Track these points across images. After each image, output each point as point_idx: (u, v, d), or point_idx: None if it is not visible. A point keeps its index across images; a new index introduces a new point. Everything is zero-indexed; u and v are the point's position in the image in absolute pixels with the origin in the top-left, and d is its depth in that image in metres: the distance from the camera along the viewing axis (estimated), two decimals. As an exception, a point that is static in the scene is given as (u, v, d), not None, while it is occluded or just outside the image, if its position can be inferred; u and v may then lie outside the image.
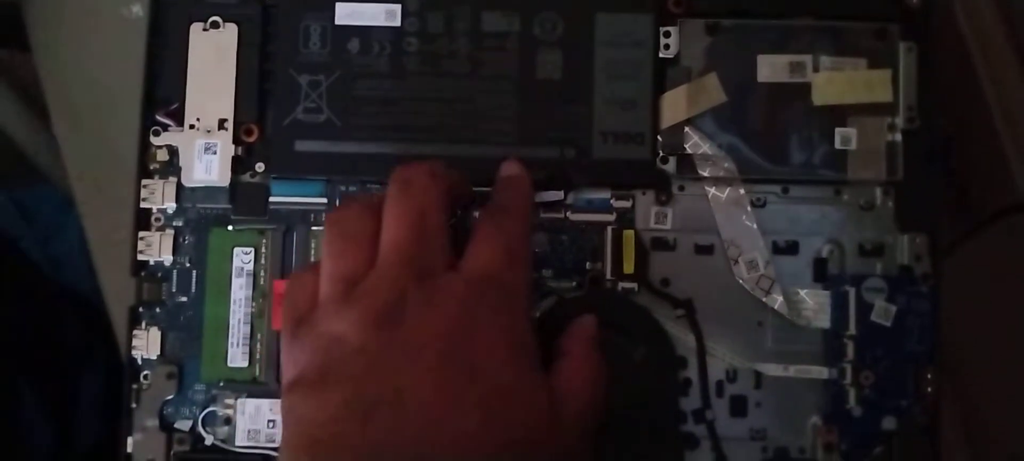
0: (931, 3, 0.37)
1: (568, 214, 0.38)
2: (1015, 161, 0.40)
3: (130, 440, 0.39)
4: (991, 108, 0.40)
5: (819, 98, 0.36)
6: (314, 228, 0.39)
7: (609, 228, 0.38)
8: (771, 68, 0.37)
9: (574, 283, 0.38)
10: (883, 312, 0.36)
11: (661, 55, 0.37)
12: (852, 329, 0.36)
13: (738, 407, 0.37)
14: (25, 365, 0.52)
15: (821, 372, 0.36)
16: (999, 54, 0.40)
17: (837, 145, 0.36)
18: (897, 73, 0.36)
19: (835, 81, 0.36)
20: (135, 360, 0.40)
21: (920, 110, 0.36)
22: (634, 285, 0.37)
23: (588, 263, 0.38)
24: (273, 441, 0.39)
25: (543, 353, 0.33)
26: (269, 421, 0.39)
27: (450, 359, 0.29)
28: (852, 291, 0.36)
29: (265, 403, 0.39)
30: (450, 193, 0.32)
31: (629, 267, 0.37)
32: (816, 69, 0.36)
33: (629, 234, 0.37)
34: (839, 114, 0.36)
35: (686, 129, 0.37)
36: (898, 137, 0.36)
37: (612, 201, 0.38)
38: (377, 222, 0.31)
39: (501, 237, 0.32)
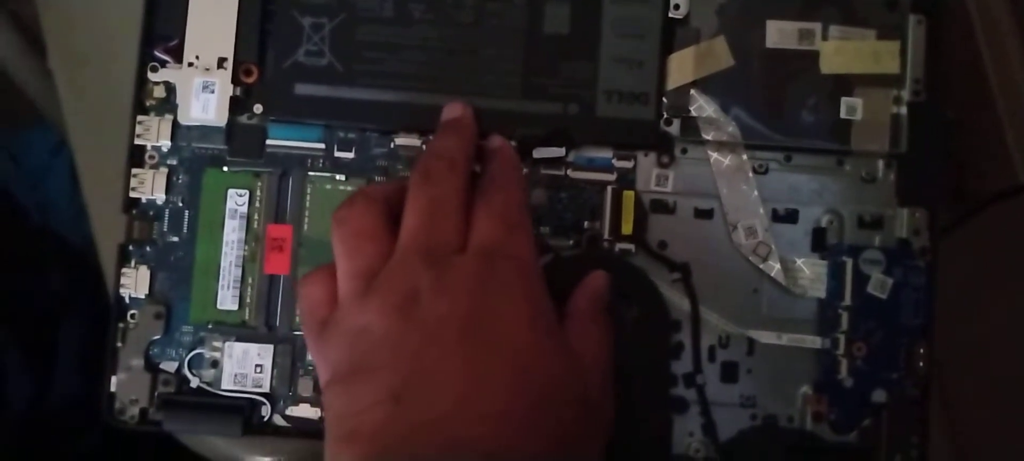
0: (942, -23, 0.37)
1: (568, 172, 0.38)
2: (1015, 146, 0.40)
3: (114, 379, 0.39)
4: (994, 91, 0.40)
5: (827, 66, 0.36)
6: (311, 173, 0.39)
7: (609, 188, 0.37)
8: (780, 34, 0.36)
9: (571, 241, 0.37)
10: (879, 284, 0.36)
11: (670, 15, 0.37)
12: (847, 300, 0.36)
13: (729, 373, 0.37)
14: (5, 310, 0.51)
15: (814, 342, 0.36)
16: (1004, 36, 0.40)
17: (842, 114, 0.36)
18: (905, 45, 0.36)
19: (843, 50, 0.36)
20: (122, 299, 0.39)
21: (927, 84, 0.36)
22: (632, 246, 0.37)
23: (586, 222, 0.37)
24: (260, 386, 0.38)
25: None
26: (256, 365, 0.39)
27: (471, 335, 0.29)
28: (849, 262, 0.36)
29: (253, 347, 0.39)
30: (468, 177, 0.33)
31: (628, 228, 0.37)
32: (825, 37, 0.36)
33: (629, 195, 0.37)
34: (846, 84, 0.36)
35: (692, 92, 0.37)
36: (903, 110, 0.36)
37: (614, 161, 0.37)
38: (383, 214, 0.32)
39: (497, 209, 0.32)
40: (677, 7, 0.37)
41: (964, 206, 0.42)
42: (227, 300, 0.39)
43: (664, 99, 0.37)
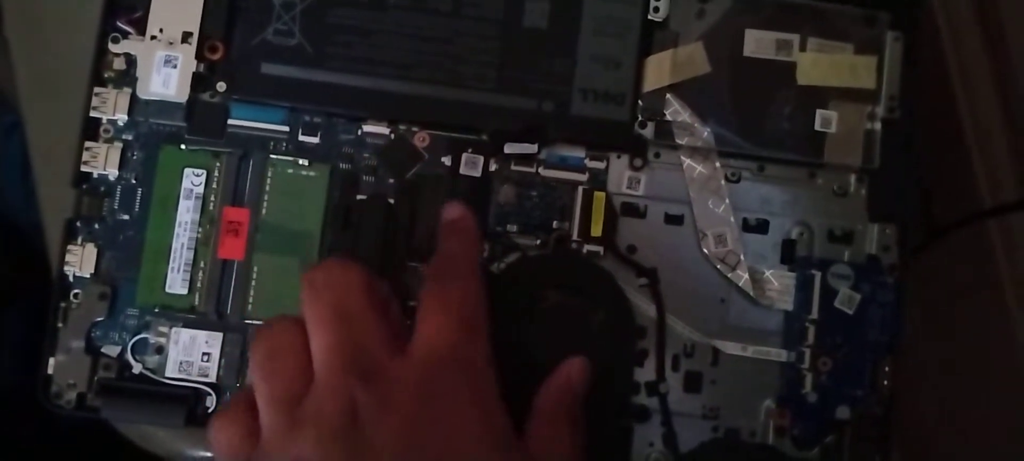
0: (921, -6, 0.37)
1: (540, 169, 0.37)
2: (981, 172, 0.40)
3: (52, 361, 0.37)
4: (961, 112, 0.40)
5: (803, 78, 0.36)
6: (272, 156, 0.37)
7: (580, 188, 0.37)
8: (758, 43, 0.36)
9: (539, 240, 0.37)
10: (847, 299, 0.35)
11: (650, 17, 0.37)
12: (814, 314, 0.36)
13: (692, 383, 0.36)
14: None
15: (779, 354, 0.36)
16: (973, 57, 0.40)
17: (817, 126, 0.36)
18: (882, 62, 0.36)
19: (820, 63, 0.36)
20: (66, 277, 0.37)
21: (902, 101, 0.36)
22: (600, 248, 0.36)
23: (555, 222, 0.37)
24: (206, 375, 0.37)
25: (503, 313, 0.32)
26: (204, 354, 0.37)
27: (413, 457, 0.27)
28: (818, 275, 0.36)
29: (201, 335, 0.37)
30: (368, 276, 0.30)
31: (597, 230, 0.36)
32: (803, 49, 0.36)
33: (600, 196, 0.36)
34: (821, 97, 0.36)
35: (668, 96, 0.36)
36: (878, 126, 0.36)
37: (586, 160, 0.37)
38: (303, 332, 0.29)
39: (452, 304, 0.30)
40: (657, 9, 0.37)
41: (927, 229, 0.42)
42: (177, 284, 0.37)
43: (639, 101, 0.36)
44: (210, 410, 0.37)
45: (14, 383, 0.52)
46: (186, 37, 0.38)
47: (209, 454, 0.40)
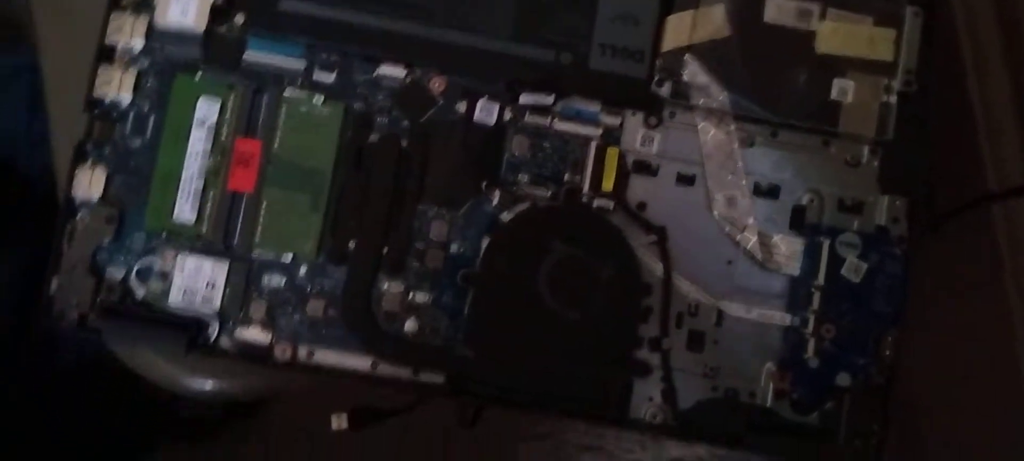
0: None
1: (554, 122, 0.37)
2: (988, 154, 0.40)
3: (55, 280, 0.37)
4: (971, 95, 0.40)
5: (823, 46, 0.36)
6: (286, 93, 0.37)
7: (594, 142, 0.37)
8: (778, 10, 0.36)
9: (549, 192, 0.37)
10: (854, 268, 0.36)
11: (673, -25, 0.37)
12: (821, 280, 0.36)
13: (695, 342, 0.36)
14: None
15: (783, 318, 0.36)
16: (987, 40, 0.40)
17: (833, 95, 0.36)
18: (901, 35, 0.36)
19: (840, 32, 0.36)
20: (73, 199, 0.37)
21: (918, 76, 0.36)
22: (610, 204, 0.36)
23: (567, 175, 0.37)
24: (210, 304, 0.37)
25: (510, 262, 0.31)
26: (208, 283, 0.37)
27: None
28: (826, 243, 0.36)
29: (207, 263, 0.37)
30: None
31: (608, 185, 0.36)
32: (823, 18, 0.36)
33: (613, 151, 0.36)
34: (839, 66, 0.36)
35: (686, 56, 0.36)
36: (893, 99, 0.36)
37: (601, 115, 0.37)
38: None
39: None
40: (680, -32, 0.37)
41: (933, 213, 0.42)
42: (185, 211, 0.37)
43: (658, 60, 0.36)
44: (212, 339, 0.37)
45: (4, 335, 0.52)
46: (207, -34, 0.37)
47: (208, 386, 0.40)
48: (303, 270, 0.37)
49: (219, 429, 0.61)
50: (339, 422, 0.44)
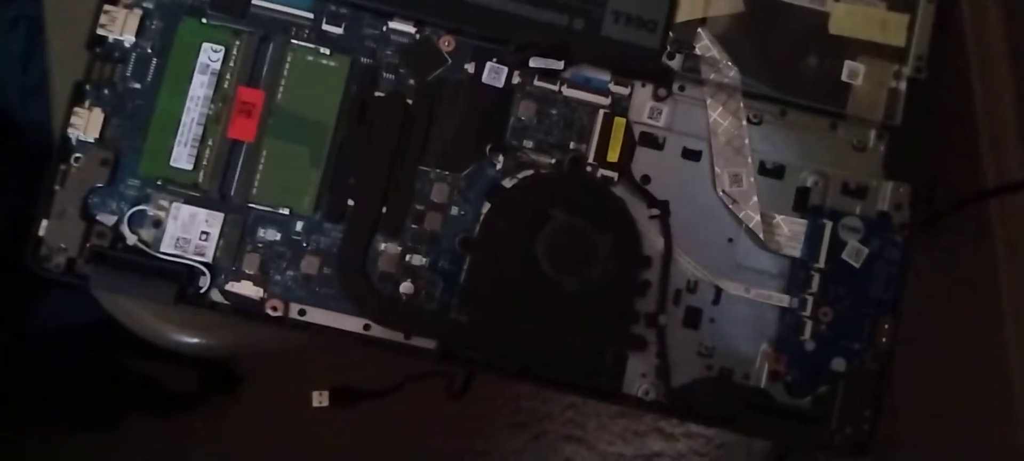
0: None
1: (563, 88, 0.36)
2: (987, 153, 0.40)
3: (45, 223, 0.36)
4: (974, 91, 0.40)
5: (836, 27, 0.36)
6: (294, 42, 0.37)
7: (601, 111, 0.36)
8: (794, -11, 0.36)
9: (554, 160, 0.36)
10: (854, 253, 0.35)
11: (689, -53, 0.36)
12: (821, 263, 0.36)
13: (692, 319, 0.36)
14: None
15: (781, 299, 0.36)
16: (993, 37, 0.40)
17: (844, 77, 0.36)
18: (914, 21, 0.36)
19: (853, 14, 0.36)
20: (69, 139, 0.36)
21: (929, 63, 0.36)
22: (615, 175, 0.36)
23: (573, 143, 0.36)
24: (202, 254, 0.36)
25: (511, 226, 0.30)
26: (203, 233, 0.36)
27: None
28: (828, 225, 0.36)
29: (202, 212, 0.36)
30: None
31: (614, 156, 0.36)
32: (837, -1, 0.36)
33: (620, 122, 0.36)
34: (850, 49, 0.36)
35: (699, 29, 0.36)
36: (903, 84, 0.36)
37: (610, 84, 0.36)
38: None
39: None
40: (697, -59, 0.36)
41: (930, 210, 0.42)
42: (182, 158, 0.36)
43: (671, 31, 0.36)
44: (202, 290, 0.36)
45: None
46: (217, -90, 0.37)
47: (196, 340, 0.39)
48: (299, 226, 0.36)
49: (196, 403, 0.60)
50: (321, 399, 0.44)
